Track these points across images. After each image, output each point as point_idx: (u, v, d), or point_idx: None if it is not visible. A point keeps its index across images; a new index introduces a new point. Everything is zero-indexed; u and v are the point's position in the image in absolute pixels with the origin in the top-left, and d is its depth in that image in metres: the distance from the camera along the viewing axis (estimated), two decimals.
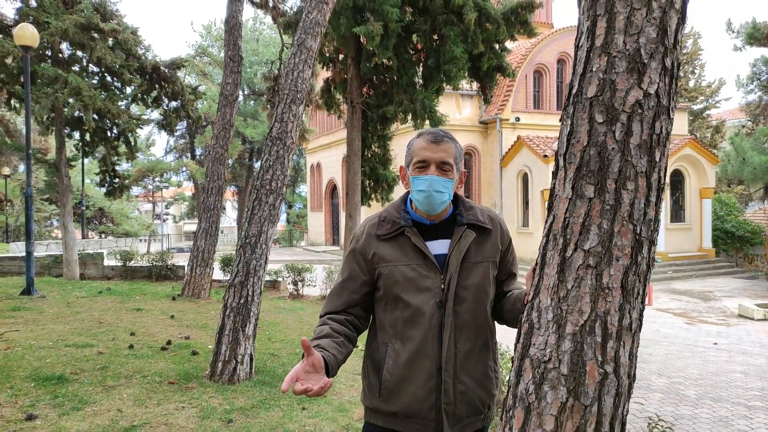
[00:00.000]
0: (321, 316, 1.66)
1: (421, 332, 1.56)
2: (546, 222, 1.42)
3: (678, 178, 20.02)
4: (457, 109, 19.32)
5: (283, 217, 41.34)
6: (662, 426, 2.70)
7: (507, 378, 1.83)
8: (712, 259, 19.63)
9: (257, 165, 30.51)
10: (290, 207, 42.65)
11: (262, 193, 4.85)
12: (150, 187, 31.74)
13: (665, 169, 1.37)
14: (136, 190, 32.50)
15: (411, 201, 1.67)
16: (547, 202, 1.49)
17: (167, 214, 43.21)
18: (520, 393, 1.30)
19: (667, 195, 19.26)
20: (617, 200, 1.29)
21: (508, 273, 1.73)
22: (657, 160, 1.33)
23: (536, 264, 1.41)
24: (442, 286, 1.57)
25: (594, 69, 1.36)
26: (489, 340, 1.65)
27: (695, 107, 29.27)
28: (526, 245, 18.17)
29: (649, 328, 9.78)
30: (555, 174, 1.42)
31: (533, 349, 1.31)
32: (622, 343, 1.27)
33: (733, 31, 18.98)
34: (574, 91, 1.40)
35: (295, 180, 39.94)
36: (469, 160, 20.68)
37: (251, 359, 4.65)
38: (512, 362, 1.40)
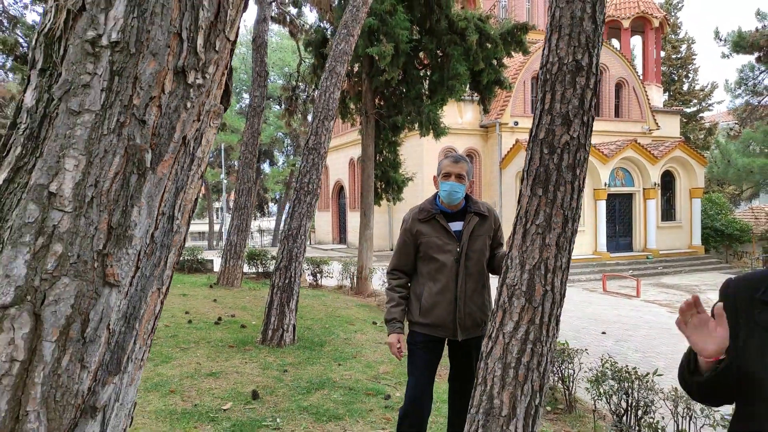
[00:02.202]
0: (389, 272, 2.72)
1: (445, 277, 2.61)
2: (517, 210, 2.46)
3: (669, 179, 21.07)
4: (459, 114, 20.35)
5: (283, 214, 42.46)
6: (612, 362, 3.74)
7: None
8: (702, 256, 20.67)
9: (265, 167, 31.53)
10: None
11: (301, 194, 5.91)
12: None
13: (583, 179, 2.41)
14: None
15: (438, 197, 2.72)
16: (520, 198, 2.53)
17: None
18: (500, 303, 2.34)
19: (658, 195, 20.30)
20: (555, 197, 2.34)
21: (498, 243, 2.78)
22: (578, 174, 2.37)
23: (512, 233, 2.45)
24: (458, 249, 2.62)
25: (543, 122, 2.41)
26: (486, 283, 2.70)
27: (689, 110, 30.33)
28: None
29: (633, 316, 10.84)
30: (522, 182, 2.46)
31: (508, 279, 2.35)
32: (555, 275, 2.31)
33: (720, 39, 20.04)
34: (532, 134, 2.45)
35: None
36: (471, 161, 21.72)
37: (294, 328, 5.71)
38: (497, 289, 2.44)
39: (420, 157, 19.73)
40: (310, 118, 21.23)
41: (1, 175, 1.43)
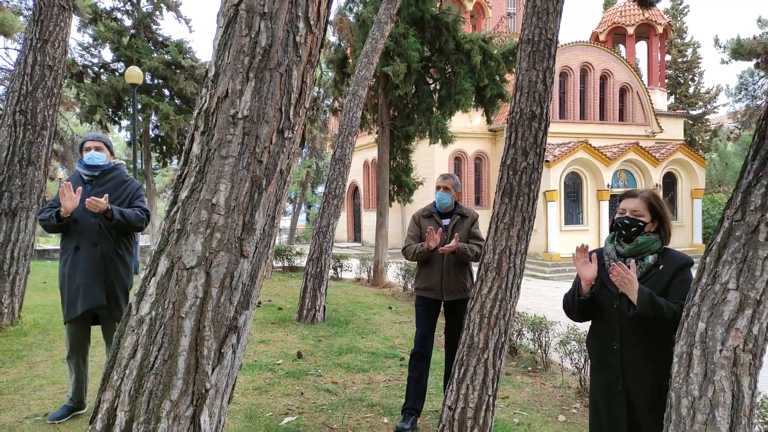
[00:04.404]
0: (404, 248, 3.87)
1: (438, 258, 3.75)
2: (492, 213, 3.59)
3: (671, 180, 21.97)
4: (469, 118, 21.40)
5: (302, 216, 43.78)
6: (575, 329, 4.83)
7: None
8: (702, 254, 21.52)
9: None
10: (309, 207, 45.07)
11: (329, 197, 7.08)
12: None
13: (537, 192, 3.53)
14: None
15: (435, 202, 3.87)
16: (494, 204, 3.65)
17: None
18: (479, 275, 3.47)
19: (660, 195, 21.19)
20: (516, 204, 3.46)
21: (473, 235, 3.90)
22: (532, 188, 3.49)
23: (488, 229, 3.57)
24: (446, 237, 3.76)
25: (509, 153, 3.53)
26: (466, 264, 3.84)
27: (694, 112, 31.07)
28: (530, 241, 20.24)
29: None
30: (496, 193, 3.59)
31: (485, 259, 3.48)
32: (516, 256, 3.43)
33: (720, 47, 20.87)
34: (502, 161, 3.58)
35: (316, 182, 42.35)
36: (480, 164, 22.81)
37: (324, 309, 6.88)
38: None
39: (431, 161, 20.84)
40: (330, 126, 22.44)
41: (184, 193, 2.65)
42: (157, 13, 12.15)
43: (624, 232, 2.35)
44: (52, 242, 20.17)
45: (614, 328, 2.30)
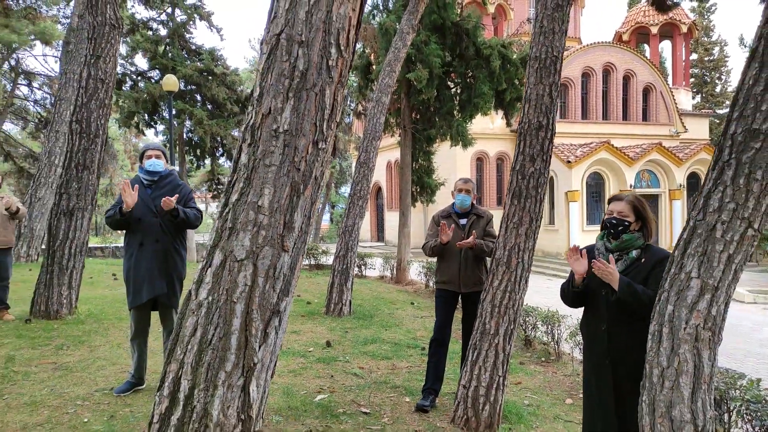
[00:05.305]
0: (424, 245, 4.28)
1: (456, 254, 4.15)
2: (503, 213, 3.98)
3: (695, 180, 21.85)
4: (490, 120, 21.66)
5: (326, 216, 44.48)
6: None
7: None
8: None
9: None
10: (333, 207, 45.73)
11: (355, 199, 7.54)
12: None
13: (543, 194, 3.91)
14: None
15: (454, 204, 4.27)
16: (504, 206, 4.04)
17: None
18: (491, 269, 3.86)
19: (684, 196, 21.15)
20: (524, 205, 3.85)
21: (487, 233, 4.29)
22: (539, 191, 3.87)
23: (500, 228, 3.97)
24: (462, 235, 4.16)
25: (518, 160, 3.91)
26: (482, 259, 4.23)
27: (721, 111, 30.70)
28: (552, 241, 20.43)
29: None
30: (507, 195, 3.98)
31: (496, 255, 3.87)
32: (525, 252, 3.82)
33: (745, 45, 20.74)
34: (512, 167, 3.97)
35: (339, 182, 42.98)
36: (501, 165, 23.03)
37: (350, 303, 7.34)
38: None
39: (453, 162, 21.18)
40: (354, 128, 22.95)
41: (234, 197, 3.12)
42: (191, 22, 12.81)
43: (612, 231, 2.73)
44: (94, 240, 21.15)
45: (602, 312, 2.68)
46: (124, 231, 3.89)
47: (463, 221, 4.25)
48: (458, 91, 11.44)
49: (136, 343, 3.89)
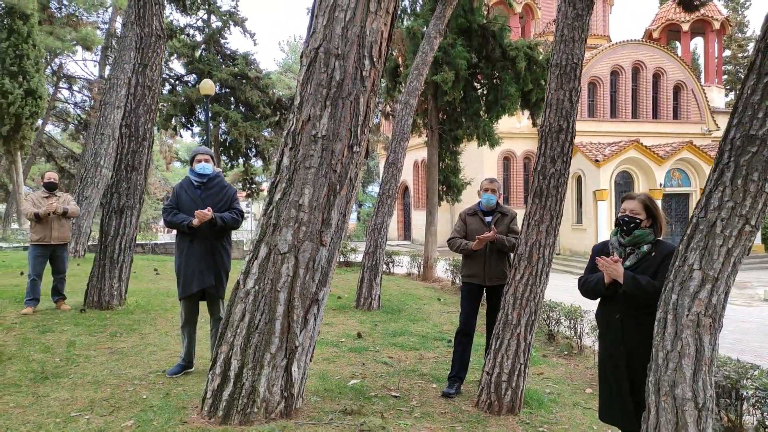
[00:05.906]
0: (450, 239, 4.56)
1: (482, 249, 4.42)
2: (525, 211, 4.22)
3: None
4: (517, 119, 21.71)
5: (354, 215, 44.96)
6: None
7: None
8: (761, 255, 21.01)
9: None
10: (360, 206, 46.17)
11: (383, 198, 7.84)
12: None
13: (564, 193, 4.14)
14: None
15: (480, 203, 4.53)
16: (526, 204, 4.28)
17: (248, 212, 47.97)
18: (514, 264, 4.11)
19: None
20: (545, 204, 4.09)
21: (511, 230, 4.54)
22: (560, 191, 4.10)
23: (522, 225, 4.22)
24: (488, 232, 4.43)
25: (540, 161, 4.15)
26: (506, 255, 4.48)
27: None
28: (580, 240, 20.38)
29: None
30: (529, 194, 4.22)
31: (518, 251, 4.12)
32: (546, 248, 4.06)
33: None
34: (533, 167, 4.21)
35: (366, 181, 43.40)
36: (529, 164, 23.04)
37: (379, 298, 7.65)
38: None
39: (480, 162, 21.31)
40: (382, 129, 23.27)
41: (277, 196, 3.46)
42: (226, 28, 13.33)
43: (624, 228, 2.97)
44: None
45: (616, 302, 2.92)
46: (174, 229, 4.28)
47: (488, 219, 4.51)
48: (485, 92, 11.64)
49: (186, 330, 4.27)
